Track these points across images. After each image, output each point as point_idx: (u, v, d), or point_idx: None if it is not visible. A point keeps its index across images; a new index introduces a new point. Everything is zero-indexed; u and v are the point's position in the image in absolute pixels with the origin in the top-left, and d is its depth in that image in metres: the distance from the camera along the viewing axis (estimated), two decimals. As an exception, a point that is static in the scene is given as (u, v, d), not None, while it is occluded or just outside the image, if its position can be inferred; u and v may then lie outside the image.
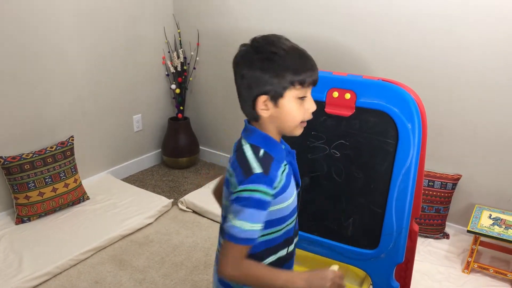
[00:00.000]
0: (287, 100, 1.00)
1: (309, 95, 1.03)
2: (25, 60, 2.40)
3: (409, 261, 1.68)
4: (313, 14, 2.54)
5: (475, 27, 2.10)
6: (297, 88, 0.99)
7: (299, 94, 1.00)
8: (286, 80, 0.98)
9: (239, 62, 1.02)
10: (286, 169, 1.06)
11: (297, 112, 1.02)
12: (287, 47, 1.01)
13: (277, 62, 0.98)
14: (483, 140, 2.24)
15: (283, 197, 1.05)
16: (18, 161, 2.34)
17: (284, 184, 1.04)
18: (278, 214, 1.07)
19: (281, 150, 1.06)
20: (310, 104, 1.04)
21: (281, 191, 1.03)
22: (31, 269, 2.04)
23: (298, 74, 0.99)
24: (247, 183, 0.97)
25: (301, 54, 1.01)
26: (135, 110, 3.10)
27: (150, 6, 2.98)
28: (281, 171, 1.04)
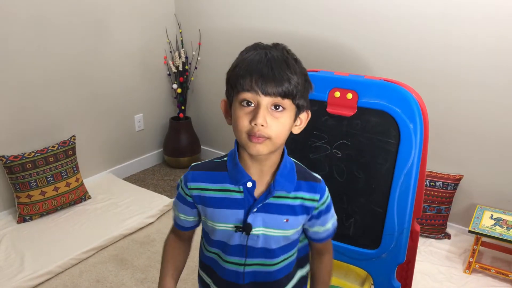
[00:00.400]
0: (233, 105, 0.91)
1: (262, 105, 0.86)
2: (27, 60, 2.40)
3: (411, 261, 1.68)
4: (315, 14, 2.54)
5: (477, 27, 2.10)
6: (237, 91, 0.89)
7: (240, 98, 0.88)
8: (230, 80, 0.91)
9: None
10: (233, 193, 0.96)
11: (240, 119, 0.88)
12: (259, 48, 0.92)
13: (236, 61, 0.92)
14: (485, 140, 2.24)
15: (206, 211, 0.99)
16: (20, 160, 2.34)
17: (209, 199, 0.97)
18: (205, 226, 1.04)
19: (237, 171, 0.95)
20: (254, 114, 0.87)
21: (201, 201, 0.99)
22: (33, 268, 2.05)
23: (240, 74, 0.88)
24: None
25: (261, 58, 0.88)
26: (137, 110, 3.10)
27: (152, 6, 2.98)
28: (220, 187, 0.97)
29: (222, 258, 1.03)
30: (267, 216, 0.97)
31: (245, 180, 0.95)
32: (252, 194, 0.95)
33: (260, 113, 0.86)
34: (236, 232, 0.97)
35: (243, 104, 0.88)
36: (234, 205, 0.96)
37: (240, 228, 0.97)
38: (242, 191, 0.95)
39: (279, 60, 0.88)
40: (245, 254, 1.00)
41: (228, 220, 0.97)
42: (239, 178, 0.95)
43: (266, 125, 0.87)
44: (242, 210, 0.96)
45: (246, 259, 1.00)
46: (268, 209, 0.96)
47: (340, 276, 1.64)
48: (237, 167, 0.95)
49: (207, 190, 0.98)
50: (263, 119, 0.86)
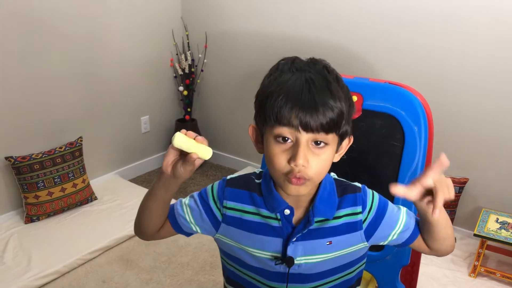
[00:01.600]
0: (266, 138, 0.79)
1: (301, 142, 0.75)
2: (34, 61, 2.43)
3: (415, 264, 1.67)
4: (320, 17, 2.55)
5: (482, 30, 2.10)
6: (271, 125, 0.76)
7: (275, 133, 0.76)
8: (265, 109, 0.77)
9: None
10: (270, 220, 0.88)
11: (276, 158, 0.77)
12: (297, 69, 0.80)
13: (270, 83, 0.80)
14: (490, 144, 2.24)
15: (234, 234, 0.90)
16: (28, 161, 2.37)
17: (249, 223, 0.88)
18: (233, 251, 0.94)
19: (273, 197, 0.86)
20: (294, 152, 0.75)
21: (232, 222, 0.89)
22: (40, 268, 2.07)
23: (273, 105, 0.75)
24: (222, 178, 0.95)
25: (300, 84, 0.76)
26: (143, 112, 3.12)
27: (159, 9, 3.01)
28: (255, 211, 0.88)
29: (262, 282, 0.95)
30: (308, 243, 0.88)
31: (282, 208, 0.86)
32: (290, 221, 0.87)
33: (300, 152, 0.74)
34: (276, 264, 0.89)
35: (278, 140, 0.77)
36: (272, 233, 0.87)
37: (280, 260, 0.88)
38: (279, 218, 0.87)
39: (321, 86, 0.76)
40: (286, 280, 0.92)
41: (265, 248, 0.89)
42: (275, 206, 0.85)
43: (307, 165, 0.75)
44: (280, 238, 0.87)
45: (288, 284, 0.93)
46: (307, 236, 0.88)
47: (344, 278, 1.64)
48: (272, 195, 0.85)
49: (245, 212, 0.88)
50: (304, 159, 0.75)
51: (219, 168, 3.31)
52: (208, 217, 0.92)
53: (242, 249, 0.91)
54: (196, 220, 0.94)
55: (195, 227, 0.95)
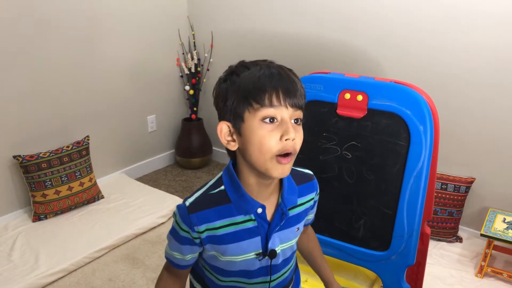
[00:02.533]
0: (249, 125, 0.82)
1: (284, 119, 0.81)
2: (42, 61, 2.45)
3: (421, 263, 1.67)
4: (325, 16, 2.54)
5: (489, 29, 2.08)
6: (256, 108, 0.81)
7: (262, 115, 0.81)
8: (240, 100, 0.82)
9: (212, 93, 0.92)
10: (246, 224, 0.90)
11: (264, 140, 0.80)
12: (252, 64, 0.87)
13: (233, 81, 0.85)
14: (497, 143, 2.22)
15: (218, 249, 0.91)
16: (35, 159, 2.39)
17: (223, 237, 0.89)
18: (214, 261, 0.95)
19: (246, 200, 0.88)
20: (285, 128, 0.81)
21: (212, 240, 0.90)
22: (47, 266, 2.09)
23: (255, 90, 0.81)
24: (177, 206, 0.92)
25: (270, 71, 0.84)
26: (150, 111, 3.14)
27: (165, 8, 3.02)
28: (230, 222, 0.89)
29: (246, 283, 0.98)
30: (282, 233, 0.95)
31: (256, 208, 0.89)
32: (265, 219, 0.91)
33: (290, 127, 0.81)
34: (260, 260, 0.94)
35: (265, 121, 0.81)
36: (250, 235, 0.91)
37: (263, 254, 0.93)
38: (254, 219, 0.90)
39: (288, 72, 0.85)
40: (269, 273, 0.97)
41: (247, 251, 0.92)
42: (248, 208, 0.88)
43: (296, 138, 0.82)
44: (259, 236, 0.91)
45: (271, 276, 0.98)
46: (282, 226, 0.94)
47: (349, 277, 1.65)
48: (244, 197, 0.88)
49: (218, 228, 0.89)
50: (294, 133, 0.81)
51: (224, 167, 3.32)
52: (192, 245, 0.93)
53: (225, 260, 0.93)
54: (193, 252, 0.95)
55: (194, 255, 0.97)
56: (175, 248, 0.95)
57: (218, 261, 0.94)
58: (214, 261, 0.95)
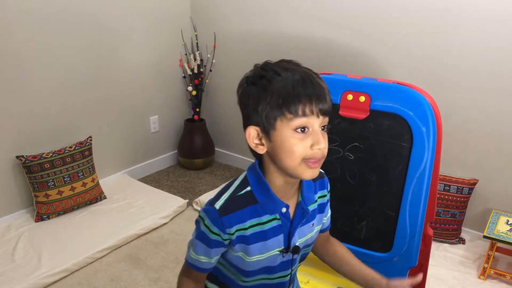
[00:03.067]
0: (280, 133, 0.84)
1: (315, 128, 0.84)
2: (45, 62, 2.46)
3: (423, 265, 1.66)
4: (328, 17, 2.54)
5: (493, 29, 2.08)
6: (289, 118, 0.83)
7: (296, 125, 0.83)
8: (273, 108, 0.83)
9: (237, 91, 0.93)
10: (271, 222, 0.93)
11: (295, 148, 0.83)
12: (282, 69, 0.86)
13: (264, 87, 0.85)
14: (501, 144, 2.21)
15: (246, 249, 0.93)
16: (38, 160, 2.40)
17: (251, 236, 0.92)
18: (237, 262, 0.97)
19: (273, 201, 0.91)
20: (314, 139, 0.84)
21: (241, 240, 0.92)
22: (50, 266, 2.09)
23: (289, 100, 0.82)
24: (203, 210, 0.93)
25: (302, 77, 0.84)
26: (152, 112, 3.14)
27: (168, 9, 3.02)
28: (258, 221, 0.92)
29: (268, 278, 1.01)
30: (301, 229, 0.98)
31: (281, 207, 0.92)
32: (288, 217, 0.94)
33: (320, 136, 0.84)
34: (284, 256, 0.97)
35: (297, 131, 0.83)
36: (274, 233, 0.94)
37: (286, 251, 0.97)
38: (278, 218, 0.93)
39: (316, 79, 0.86)
40: (290, 266, 1.01)
41: (271, 248, 0.95)
42: (275, 208, 0.92)
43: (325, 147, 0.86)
44: (282, 234, 0.95)
45: (292, 268, 1.03)
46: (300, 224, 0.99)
47: (351, 279, 1.64)
48: (272, 198, 0.91)
49: (247, 228, 0.91)
50: (324, 142, 0.85)
51: (227, 168, 3.32)
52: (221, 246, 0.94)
53: (250, 261, 0.95)
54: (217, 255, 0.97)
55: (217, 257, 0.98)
56: (203, 252, 0.95)
57: (243, 262, 0.95)
58: (239, 262, 0.97)
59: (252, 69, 0.91)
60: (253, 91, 0.87)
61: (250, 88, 0.88)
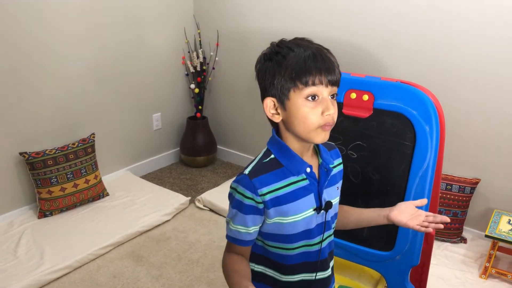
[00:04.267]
0: (294, 102, 0.94)
1: (324, 97, 0.94)
2: (48, 59, 2.46)
3: (425, 264, 1.67)
4: (331, 16, 2.54)
5: (495, 28, 2.08)
6: (301, 88, 0.92)
7: (307, 94, 0.93)
8: (287, 80, 0.93)
9: (255, 67, 1.01)
10: (301, 183, 1.00)
11: (308, 116, 0.93)
12: (295, 45, 0.96)
13: (279, 62, 0.94)
14: (503, 144, 2.21)
15: (281, 210, 0.99)
16: (41, 156, 2.40)
17: (284, 196, 0.98)
18: (279, 230, 1.02)
19: (297, 161, 1.00)
20: (324, 107, 0.93)
21: (275, 202, 0.98)
22: (52, 262, 2.10)
23: (301, 72, 0.92)
24: (234, 181, 1.00)
25: (313, 53, 0.94)
26: (155, 109, 3.15)
27: (171, 7, 3.03)
28: (288, 182, 0.99)
29: (309, 245, 1.06)
30: (327, 191, 1.05)
31: (305, 167, 1.00)
32: (314, 177, 1.02)
33: (329, 103, 0.94)
34: (318, 213, 1.03)
35: (308, 99, 0.93)
36: (305, 193, 1.01)
37: (320, 209, 1.03)
38: (305, 177, 1.01)
39: (327, 53, 0.96)
40: (323, 229, 1.07)
41: (306, 208, 1.01)
42: (299, 168, 1.00)
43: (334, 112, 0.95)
44: (312, 193, 1.02)
45: (324, 233, 1.07)
46: (327, 185, 1.05)
47: (353, 277, 1.65)
48: (295, 159, 0.99)
49: (278, 189, 0.98)
50: (333, 108, 0.94)
51: (229, 165, 3.33)
52: (257, 213, 1.00)
53: (288, 222, 1.00)
54: (256, 223, 1.01)
55: (257, 227, 1.03)
56: (240, 221, 1.00)
57: (282, 227, 1.01)
58: (279, 229, 1.02)
59: (269, 47, 1.00)
60: (269, 67, 0.96)
61: (267, 64, 0.97)
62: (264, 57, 0.99)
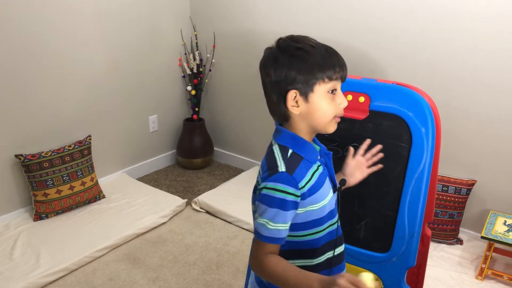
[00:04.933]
0: (317, 95, 1.01)
1: (339, 90, 1.04)
2: (45, 62, 2.46)
3: (421, 265, 1.67)
4: (328, 17, 2.55)
5: (491, 29, 2.09)
6: (326, 82, 1.01)
7: (329, 87, 1.01)
8: (314, 74, 1.00)
9: (266, 63, 1.04)
10: (319, 169, 1.07)
11: (329, 107, 1.02)
12: (313, 43, 1.04)
13: (303, 57, 1.00)
14: (499, 145, 2.22)
15: (314, 198, 1.05)
16: (37, 159, 2.39)
17: (315, 185, 1.04)
18: (310, 217, 1.07)
19: (312, 150, 1.07)
20: (341, 99, 1.04)
21: (311, 192, 1.04)
22: (48, 265, 2.09)
23: (326, 67, 1.00)
24: (270, 181, 1.01)
25: (327, 49, 1.03)
26: (151, 111, 3.14)
27: (168, 9, 3.03)
28: (312, 171, 1.05)
29: (331, 224, 1.13)
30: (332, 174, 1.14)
31: (317, 155, 1.08)
32: (324, 163, 1.11)
33: (342, 95, 1.04)
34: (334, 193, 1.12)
35: (330, 92, 1.02)
36: (324, 178, 1.08)
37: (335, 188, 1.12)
38: (320, 164, 1.08)
39: (335, 50, 1.05)
40: (338, 206, 1.15)
41: (328, 191, 1.09)
42: (315, 157, 1.07)
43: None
44: (327, 177, 1.10)
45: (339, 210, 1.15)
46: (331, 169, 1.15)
47: (350, 279, 1.64)
48: (311, 149, 1.07)
49: (310, 180, 1.04)
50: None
51: (226, 168, 3.32)
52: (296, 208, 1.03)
53: (320, 207, 1.07)
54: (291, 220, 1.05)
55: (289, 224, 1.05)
56: (281, 219, 1.01)
57: (312, 213, 1.07)
58: (311, 216, 1.07)
59: (278, 44, 1.06)
60: (293, 61, 1.01)
61: (289, 58, 1.01)
62: (283, 52, 1.03)
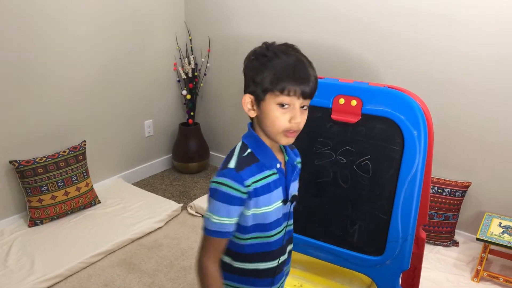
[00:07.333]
0: (267, 104, 1.01)
1: (296, 106, 1.01)
2: (38, 67, 2.45)
3: (417, 268, 1.67)
4: (320, 21, 2.55)
5: (484, 32, 2.10)
6: (276, 94, 0.99)
7: (279, 100, 1.00)
8: (266, 83, 1.00)
9: (244, 60, 1.08)
10: (273, 176, 1.07)
11: (277, 119, 1.01)
12: (282, 52, 1.02)
13: (265, 65, 1.01)
14: (493, 147, 2.23)
15: (258, 201, 1.05)
16: (31, 165, 2.39)
17: (262, 188, 1.05)
18: (258, 220, 1.08)
19: (270, 156, 1.07)
20: (292, 115, 1.01)
21: (256, 193, 1.04)
22: (43, 271, 2.08)
23: (281, 80, 0.98)
24: (218, 175, 1.04)
25: (297, 64, 1.01)
26: (147, 116, 3.14)
27: (163, 14, 3.03)
28: (264, 174, 1.06)
29: (275, 234, 1.13)
30: (292, 185, 1.15)
31: (276, 162, 1.09)
32: (283, 172, 1.11)
33: (297, 114, 1.01)
34: (285, 205, 1.12)
35: (279, 106, 1.00)
36: (276, 185, 1.08)
37: (286, 201, 1.12)
38: (276, 172, 1.08)
39: (307, 64, 1.02)
40: (287, 218, 1.16)
41: (277, 200, 1.09)
42: (272, 163, 1.08)
43: (301, 122, 1.02)
44: (280, 187, 1.10)
45: (288, 222, 1.16)
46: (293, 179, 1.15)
47: (344, 282, 1.65)
48: (269, 154, 1.07)
49: (258, 181, 1.05)
50: (300, 118, 1.01)
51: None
52: (241, 204, 1.05)
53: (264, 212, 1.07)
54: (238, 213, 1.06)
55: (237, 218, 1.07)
56: (224, 212, 1.04)
57: (258, 217, 1.08)
58: (256, 219, 1.08)
59: (260, 46, 1.07)
60: (255, 65, 1.03)
61: (253, 62, 1.04)
62: (254, 54, 1.05)
